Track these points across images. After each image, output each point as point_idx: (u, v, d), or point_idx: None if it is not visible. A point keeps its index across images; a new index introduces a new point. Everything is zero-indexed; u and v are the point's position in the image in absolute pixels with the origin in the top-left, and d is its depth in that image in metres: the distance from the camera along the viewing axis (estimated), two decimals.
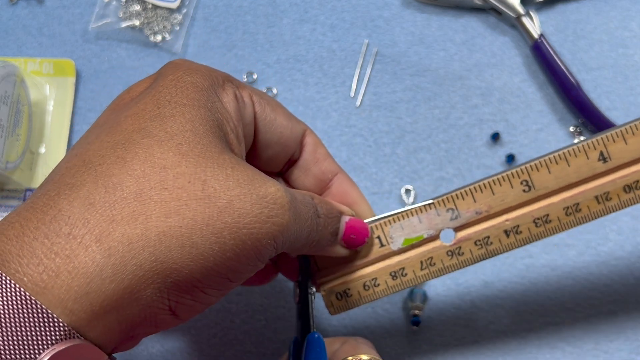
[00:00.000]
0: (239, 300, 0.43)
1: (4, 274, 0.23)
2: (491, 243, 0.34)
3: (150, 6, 0.48)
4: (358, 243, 0.34)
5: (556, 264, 0.43)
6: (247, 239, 0.26)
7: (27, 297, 0.23)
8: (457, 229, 0.34)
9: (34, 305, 0.23)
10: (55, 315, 0.23)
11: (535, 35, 0.45)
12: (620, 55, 0.46)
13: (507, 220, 0.34)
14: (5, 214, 0.44)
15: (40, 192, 0.26)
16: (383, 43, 0.47)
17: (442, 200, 0.34)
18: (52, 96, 0.47)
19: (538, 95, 0.46)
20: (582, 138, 0.44)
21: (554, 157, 0.33)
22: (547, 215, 0.34)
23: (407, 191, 0.44)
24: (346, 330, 0.42)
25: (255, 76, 0.47)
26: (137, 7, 0.48)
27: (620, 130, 0.33)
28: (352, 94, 0.46)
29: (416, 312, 0.41)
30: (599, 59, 0.46)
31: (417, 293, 0.41)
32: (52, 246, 0.24)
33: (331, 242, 0.33)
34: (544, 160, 0.33)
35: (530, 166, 0.33)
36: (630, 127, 0.33)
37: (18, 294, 0.23)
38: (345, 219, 0.34)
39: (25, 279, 0.23)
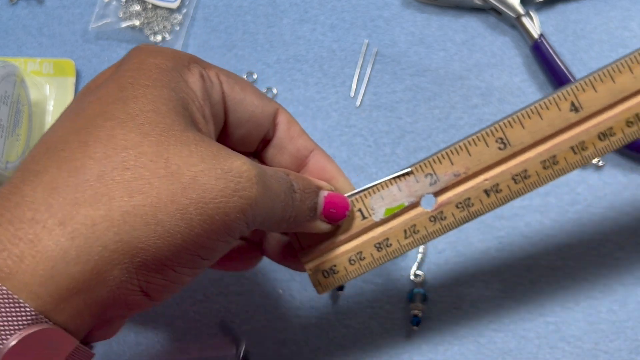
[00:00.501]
0: (239, 301, 0.43)
1: None
2: (472, 204, 0.34)
3: (150, 6, 0.48)
4: (339, 217, 0.34)
5: (556, 265, 0.43)
6: (215, 213, 0.26)
7: None
8: (437, 194, 0.34)
9: None
10: (21, 300, 0.23)
11: (535, 35, 0.45)
12: (620, 55, 0.46)
13: (485, 179, 0.33)
14: None
15: (7, 181, 0.26)
16: (383, 43, 0.47)
17: (420, 166, 0.34)
18: (52, 96, 0.47)
19: (538, 95, 0.46)
20: None
21: (526, 111, 0.33)
22: (526, 170, 0.33)
23: None
24: (346, 330, 0.42)
25: (255, 76, 0.47)
26: (137, 7, 0.48)
27: (589, 79, 0.33)
28: (352, 94, 0.46)
29: (416, 312, 0.41)
30: (599, 59, 0.46)
31: (417, 293, 0.41)
32: (16, 232, 0.24)
33: (310, 218, 0.33)
34: (517, 116, 0.33)
35: (504, 123, 0.33)
36: (599, 74, 0.33)
37: None
38: (324, 193, 0.33)
39: None
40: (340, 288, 0.42)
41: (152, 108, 0.27)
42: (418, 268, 0.42)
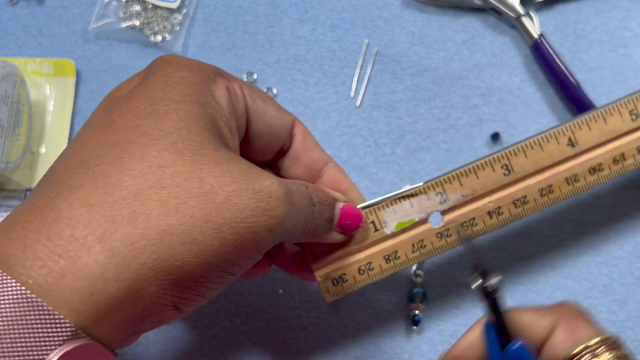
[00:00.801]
0: (239, 301, 0.43)
1: (8, 277, 0.23)
2: (476, 224, 0.36)
3: (150, 6, 0.48)
4: (353, 228, 0.35)
5: (555, 264, 0.43)
6: (246, 232, 0.27)
7: (33, 299, 0.23)
8: (444, 212, 0.36)
9: (40, 307, 0.23)
10: (61, 316, 0.23)
11: (535, 35, 0.45)
12: (620, 55, 0.46)
13: (489, 202, 0.36)
14: (5, 214, 0.44)
15: (39, 193, 0.26)
16: (383, 43, 0.47)
17: (432, 184, 0.36)
18: (52, 96, 0.47)
19: (538, 95, 0.46)
20: None
21: (530, 142, 0.36)
22: (525, 196, 0.36)
23: None
24: (346, 330, 0.42)
25: (255, 76, 0.47)
26: (137, 7, 0.48)
27: (585, 118, 0.36)
28: (352, 94, 0.46)
29: (416, 312, 0.41)
30: (599, 59, 0.46)
31: (417, 293, 0.41)
32: (55, 248, 0.24)
33: (327, 229, 0.34)
34: (521, 145, 0.36)
35: (510, 151, 0.36)
36: (593, 115, 0.36)
37: (24, 296, 0.23)
38: (340, 205, 0.34)
39: (30, 281, 0.23)
40: None
41: (184, 125, 0.27)
42: (418, 268, 0.42)
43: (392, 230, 0.36)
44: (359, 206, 0.36)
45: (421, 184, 0.36)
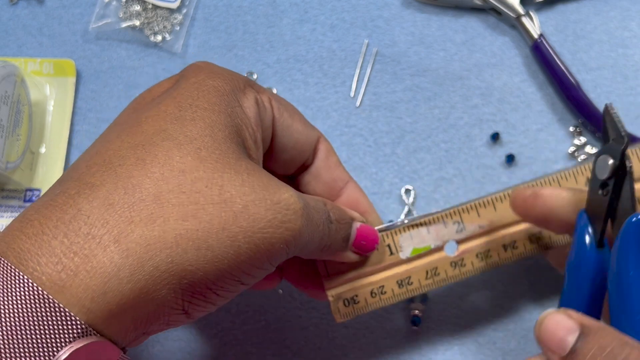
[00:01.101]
0: (239, 301, 0.43)
1: (21, 273, 0.23)
2: (491, 256, 0.36)
3: (150, 6, 0.48)
4: (368, 249, 0.35)
5: None
6: (261, 243, 0.27)
7: (45, 295, 0.23)
8: (460, 241, 0.36)
9: (52, 304, 0.23)
10: (72, 314, 0.23)
11: (535, 36, 0.45)
12: (620, 55, 0.46)
13: (505, 235, 0.36)
14: (5, 214, 0.44)
15: (59, 189, 0.26)
16: (383, 43, 0.47)
17: (450, 213, 0.36)
18: (52, 96, 0.47)
19: (538, 95, 0.46)
20: (581, 138, 0.44)
21: (548, 179, 0.36)
22: (540, 232, 0.36)
23: (407, 191, 0.44)
24: (346, 330, 0.42)
25: (255, 76, 0.47)
26: (137, 7, 0.48)
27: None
28: (352, 94, 0.46)
29: (416, 312, 0.41)
30: (599, 59, 0.46)
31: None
32: (71, 245, 0.24)
33: (342, 248, 0.34)
34: (539, 181, 0.36)
35: (529, 185, 0.36)
36: None
37: (36, 292, 0.23)
38: (357, 225, 0.34)
39: (43, 277, 0.24)
40: None
41: (209, 133, 0.27)
42: None
43: (407, 256, 0.36)
44: (376, 228, 0.35)
45: (439, 210, 0.36)
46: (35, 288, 0.23)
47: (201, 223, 0.25)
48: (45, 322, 0.23)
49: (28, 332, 0.23)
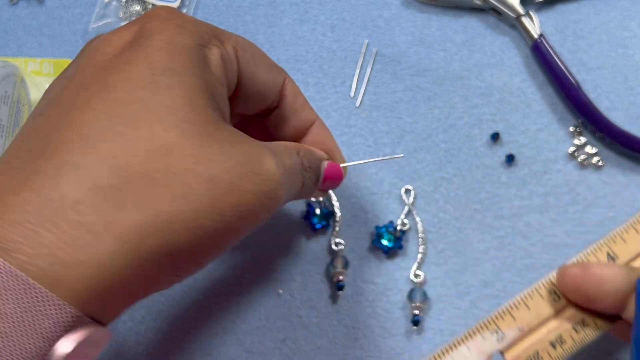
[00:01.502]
0: (239, 301, 0.43)
1: (12, 267, 0.22)
2: (541, 358, 0.34)
3: (150, 6, 0.48)
4: (334, 187, 0.36)
5: (556, 264, 0.42)
6: (247, 214, 0.27)
7: (40, 289, 0.23)
8: (504, 351, 0.34)
9: (46, 297, 0.23)
10: (66, 305, 0.23)
11: (535, 36, 0.45)
12: (620, 55, 0.46)
13: (548, 332, 0.34)
14: None
15: (35, 167, 0.24)
16: (383, 43, 0.47)
17: (485, 323, 0.34)
18: None
19: (538, 95, 0.46)
20: (581, 138, 0.44)
21: (574, 259, 0.35)
22: (583, 319, 0.34)
23: (407, 191, 0.44)
24: (346, 330, 0.42)
25: None
26: (137, 7, 0.48)
27: (620, 230, 0.35)
28: (352, 94, 0.46)
29: (416, 312, 0.41)
30: (599, 59, 0.46)
31: (417, 293, 0.41)
32: (61, 235, 0.23)
33: (312, 189, 0.34)
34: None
35: (552, 276, 0.34)
36: (632, 224, 0.35)
37: (28, 286, 0.23)
38: (324, 164, 0.35)
39: (34, 269, 0.23)
40: (340, 288, 0.42)
41: (189, 102, 0.26)
42: (418, 268, 0.42)
43: None
44: (341, 165, 0.36)
45: (475, 325, 0.34)
46: (27, 282, 0.22)
47: (191, 203, 0.25)
48: (40, 316, 0.23)
49: (24, 327, 0.23)
